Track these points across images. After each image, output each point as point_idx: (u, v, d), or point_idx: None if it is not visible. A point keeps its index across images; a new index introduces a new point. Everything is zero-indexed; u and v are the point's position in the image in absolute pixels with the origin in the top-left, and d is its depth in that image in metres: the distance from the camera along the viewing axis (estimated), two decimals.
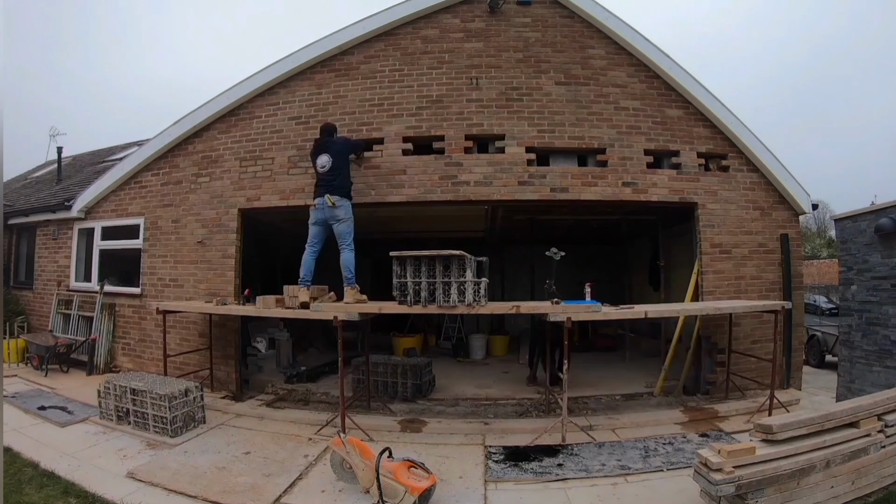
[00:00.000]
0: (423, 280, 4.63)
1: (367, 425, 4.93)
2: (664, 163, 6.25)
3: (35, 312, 8.46)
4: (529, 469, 4.02)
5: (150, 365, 6.79)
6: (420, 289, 4.65)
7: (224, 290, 6.43)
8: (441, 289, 4.61)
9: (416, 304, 4.66)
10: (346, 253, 5.36)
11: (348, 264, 5.34)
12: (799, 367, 6.32)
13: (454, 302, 4.59)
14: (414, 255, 4.64)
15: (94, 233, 7.65)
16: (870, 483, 3.37)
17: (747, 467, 2.99)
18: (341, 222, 5.36)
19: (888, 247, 5.32)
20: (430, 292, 4.63)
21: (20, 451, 4.22)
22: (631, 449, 4.41)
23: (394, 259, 4.73)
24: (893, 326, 5.20)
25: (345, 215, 5.37)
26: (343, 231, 5.37)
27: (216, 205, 6.63)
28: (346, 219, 5.38)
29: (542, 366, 6.46)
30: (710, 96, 6.20)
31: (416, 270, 4.66)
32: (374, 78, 6.31)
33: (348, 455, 3.63)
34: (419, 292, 4.65)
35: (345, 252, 5.36)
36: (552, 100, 6.15)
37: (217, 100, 6.65)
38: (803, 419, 3.32)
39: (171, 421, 4.72)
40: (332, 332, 8.40)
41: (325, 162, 5.40)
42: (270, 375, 7.11)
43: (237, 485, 3.76)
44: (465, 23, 6.30)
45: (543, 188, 6.02)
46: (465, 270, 4.57)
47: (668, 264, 8.23)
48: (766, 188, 6.29)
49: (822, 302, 21.79)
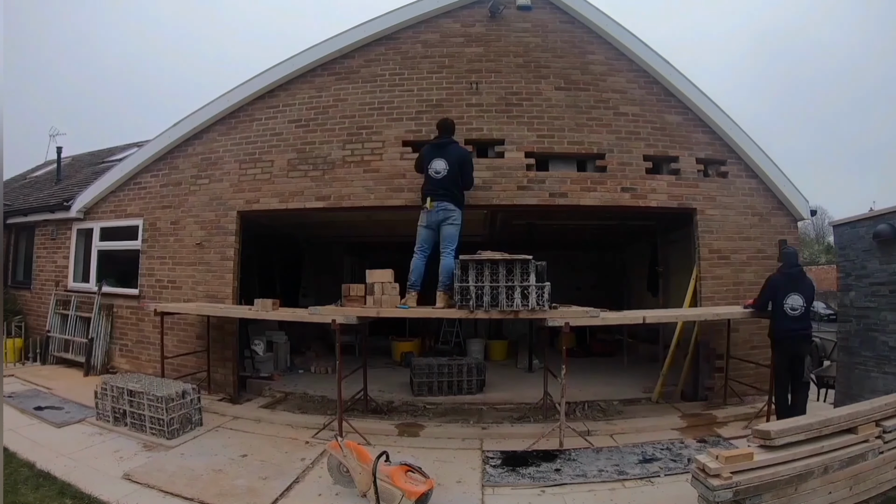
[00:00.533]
0: (486, 284, 4.55)
1: (364, 429, 4.92)
2: (663, 168, 6.26)
3: (33, 312, 8.44)
4: (527, 474, 4.01)
5: (147, 366, 6.77)
6: (483, 293, 4.56)
7: (222, 293, 6.43)
8: (504, 293, 4.54)
9: (478, 309, 4.56)
10: (448, 259, 5.11)
11: (448, 269, 5.07)
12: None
13: (517, 306, 4.52)
14: (478, 259, 4.58)
15: (92, 233, 7.65)
16: (868, 489, 3.36)
17: (745, 473, 2.98)
18: (453, 225, 5.20)
19: (886, 253, 5.33)
20: (493, 297, 4.56)
21: (16, 451, 4.20)
22: (629, 454, 4.40)
23: (457, 262, 4.65)
24: (892, 332, 5.20)
25: (457, 220, 5.22)
26: (452, 234, 5.19)
27: (215, 207, 6.63)
28: (458, 223, 5.23)
29: None
30: (709, 102, 6.22)
31: (478, 274, 4.58)
32: (375, 82, 6.32)
33: (345, 459, 3.62)
34: (481, 297, 4.56)
35: (447, 258, 5.12)
36: (552, 105, 6.17)
37: (217, 102, 6.67)
38: (801, 425, 3.32)
39: (168, 423, 4.70)
40: (330, 335, 8.48)
41: (441, 169, 5.20)
42: (268, 378, 7.09)
43: (234, 488, 3.74)
44: (466, 27, 6.33)
45: (543, 193, 6.03)
46: (529, 275, 4.52)
47: (666, 270, 8.25)
48: (764, 194, 6.31)
49: (821, 308, 21.79)
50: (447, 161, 5.21)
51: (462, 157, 5.38)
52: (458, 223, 5.23)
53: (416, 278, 5.21)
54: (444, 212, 5.15)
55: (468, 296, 4.57)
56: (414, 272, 5.23)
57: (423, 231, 5.30)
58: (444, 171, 5.19)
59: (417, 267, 5.25)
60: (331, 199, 6.22)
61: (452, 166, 5.21)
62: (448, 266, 5.07)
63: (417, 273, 5.23)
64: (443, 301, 4.99)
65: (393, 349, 9.10)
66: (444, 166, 5.20)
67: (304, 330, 8.68)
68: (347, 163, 6.24)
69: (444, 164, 5.21)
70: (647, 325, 6.91)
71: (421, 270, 5.24)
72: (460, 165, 5.32)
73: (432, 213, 5.20)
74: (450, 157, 5.25)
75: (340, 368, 4.88)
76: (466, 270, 4.61)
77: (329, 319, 4.80)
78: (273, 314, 5.44)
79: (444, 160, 5.22)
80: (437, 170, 5.21)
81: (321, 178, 6.27)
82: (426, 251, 5.30)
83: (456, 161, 5.26)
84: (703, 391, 6.07)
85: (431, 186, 5.26)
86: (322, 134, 6.35)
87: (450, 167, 5.20)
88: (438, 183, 5.21)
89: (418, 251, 5.30)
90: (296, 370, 7.98)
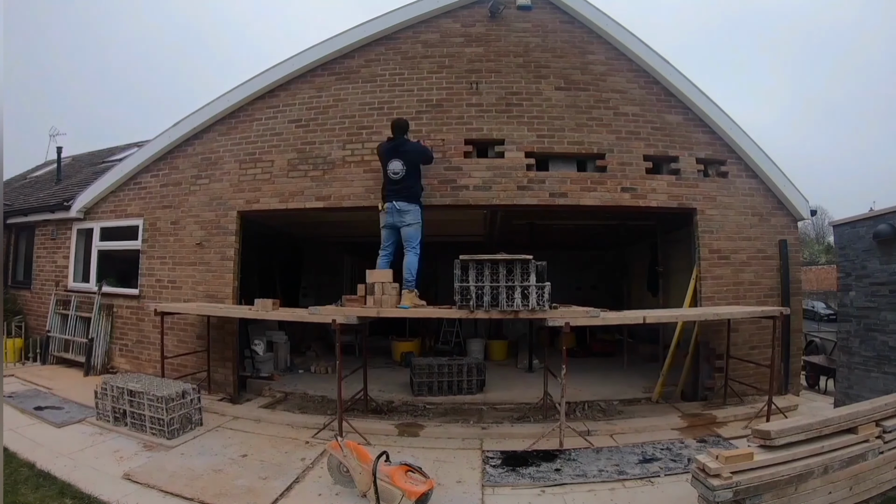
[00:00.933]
0: (486, 284, 4.55)
1: (364, 429, 4.92)
2: (663, 168, 6.26)
3: (33, 312, 8.43)
4: (527, 474, 4.01)
5: (147, 366, 6.77)
6: (483, 293, 4.56)
7: (222, 293, 6.43)
8: (504, 293, 4.55)
9: (478, 309, 4.57)
10: (411, 256, 5.32)
11: (410, 267, 5.28)
12: (797, 373, 6.34)
13: (518, 306, 4.53)
14: (478, 259, 4.58)
15: (92, 233, 7.65)
16: (868, 489, 3.36)
17: (745, 473, 2.98)
18: (410, 226, 5.38)
19: (886, 253, 5.32)
20: (493, 297, 4.56)
21: (16, 451, 4.20)
22: (629, 454, 4.40)
23: (457, 263, 4.64)
24: (892, 332, 5.19)
25: (413, 220, 5.39)
26: (410, 234, 5.39)
27: (215, 207, 6.64)
28: (415, 223, 5.40)
29: None
30: (709, 102, 6.22)
31: (478, 274, 4.58)
32: (375, 82, 6.33)
33: (345, 459, 3.62)
34: (482, 297, 4.56)
35: (409, 255, 5.32)
36: (552, 105, 6.18)
37: (217, 102, 6.67)
38: (801, 425, 3.32)
39: (168, 423, 4.70)
40: (330, 335, 8.48)
41: (399, 169, 5.36)
42: (268, 378, 7.08)
43: (234, 487, 3.74)
44: (466, 27, 6.33)
45: (542, 193, 6.03)
46: (530, 274, 4.53)
47: (666, 270, 8.25)
48: (764, 194, 6.31)
49: (821, 308, 21.82)
50: (403, 161, 5.40)
51: (417, 153, 5.57)
52: (417, 222, 5.44)
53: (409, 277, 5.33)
54: (399, 213, 5.36)
55: (468, 296, 4.57)
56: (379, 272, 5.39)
57: (384, 231, 5.56)
58: (401, 171, 5.39)
59: (380, 266, 5.44)
60: (331, 199, 6.23)
61: (409, 165, 5.40)
62: (411, 263, 5.27)
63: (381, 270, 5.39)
64: (409, 300, 5.06)
65: (393, 349, 9.09)
66: (401, 167, 5.39)
67: (304, 330, 8.69)
68: (347, 163, 6.24)
69: (401, 165, 5.39)
70: (647, 325, 6.89)
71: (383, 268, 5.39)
72: (418, 161, 5.54)
73: (388, 216, 5.43)
74: (406, 156, 5.44)
75: (340, 368, 4.88)
76: (467, 270, 4.61)
77: (329, 319, 4.80)
78: (273, 314, 5.44)
79: (401, 160, 5.41)
80: (394, 170, 5.41)
81: (321, 178, 6.27)
82: (387, 249, 5.53)
83: (412, 159, 5.45)
84: (703, 391, 6.07)
85: (390, 187, 5.47)
86: (322, 134, 6.36)
87: (407, 166, 5.38)
88: (396, 183, 5.41)
89: (381, 250, 5.53)
90: (296, 370, 7.98)
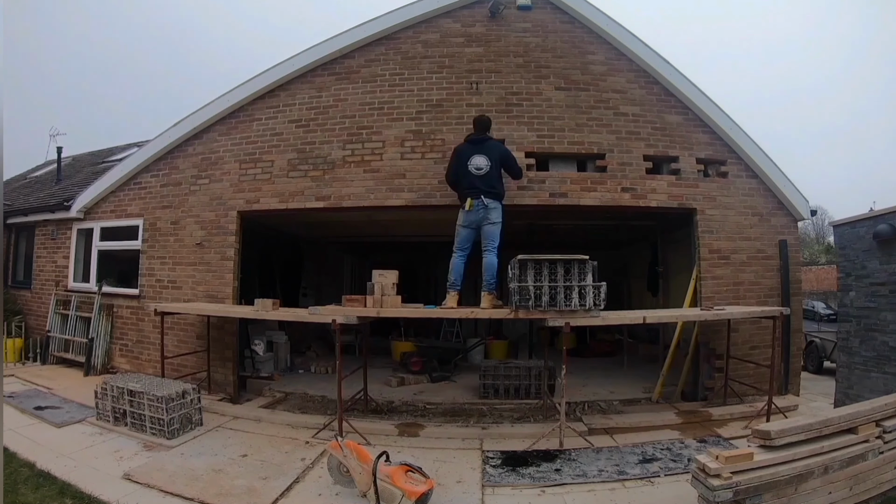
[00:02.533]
0: (544, 284, 4.52)
1: (364, 429, 4.92)
2: (663, 168, 6.26)
3: (33, 312, 8.44)
4: (527, 474, 4.01)
5: (147, 366, 6.77)
6: (541, 293, 4.53)
7: (222, 293, 6.43)
8: (563, 293, 4.52)
9: (536, 309, 4.52)
10: (491, 257, 5.13)
11: (491, 268, 5.11)
12: (797, 373, 6.33)
13: (575, 306, 4.51)
14: (536, 259, 4.55)
15: (92, 233, 7.65)
16: (868, 489, 3.36)
17: (745, 473, 2.98)
18: (494, 224, 5.16)
19: (886, 253, 5.33)
20: (551, 297, 4.54)
21: (16, 451, 4.20)
22: (629, 454, 4.40)
23: (513, 262, 4.60)
24: (892, 332, 5.20)
25: (497, 218, 5.18)
26: (493, 233, 5.16)
27: (215, 207, 6.64)
28: (498, 221, 5.19)
29: None
30: (709, 102, 6.22)
31: (536, 274, 4.54)
32: (375, 82, 6.33)
33: (345, 459, 3.62)
34: (539, 296, 4.52)
35: (489, 255, 5.13)
36: (552, 105, 6.17)
37: (217, 102, 6.67)
38: (801, 425, 3.32)
39: (168, 423, 4.70)
40: (330, 335, 8.47)
41: (483, 165, 5.16)
42: (268, 378, 7.08)
43: (234, 487, 3.74)
44: (466, 27, 6.33)
45: (542, 193, 6.03)
46: (587, 274, 4.52)
47: (666, 270, 8.25)
48: (764, 194, 6.31)
49: (821, 308, 21.76)
50: (488, 157, 5.20)
51: (503, 153, 5.41)
52: (500, 220, 5.21)
53: (455, 278, 5.17)
54: (485, 210, 5.12)
55: (527, 295, 4.51)
56: (454, 272, 5.19)
57: (463, 231, 5.26)
58: (486, 167, 5.17)
59: (457, 267, 5.20)
60: (331, 199, 6.22)
61: (494, 162, 5.20)
62: (491, 264, 5.04)
63: (457, 273, 5.18)
64: (488, 302, 4.93)
65: (393, 349, 9.09)
66: (486, 162, 5.18)
67: (304, 330, 8.68)
68: (347, 163, 6.24)
69: (486, 161, 5.18)
70: (647, 325, 6.91)
71: (461, 270, 5.20)
72: (503, 161, 5.33)
73: (471, 213, 5.16)
74: (490, 153, 5.24)
75: (340, 368, 4.88)
76: (525, 270, 4.56)
77: (329, 319, 4.79)
78: (273, 314, 5.43)
79: (486, 156, 5.21)
80: (478, 166, 5.18)
81: (321, 178, 6.27)
82: (466, 250, 5.27)
83: (498, 157, 5.26)
84: (703, 391, 6.07)
85: (472, 184, 5.18)
86: (322, 134, 6.35)
87: (492, 163, 5.18)
88: (480, 180, 5.17)
89: (458, 250, 5.25)
90: (296, 370, 7.98)
